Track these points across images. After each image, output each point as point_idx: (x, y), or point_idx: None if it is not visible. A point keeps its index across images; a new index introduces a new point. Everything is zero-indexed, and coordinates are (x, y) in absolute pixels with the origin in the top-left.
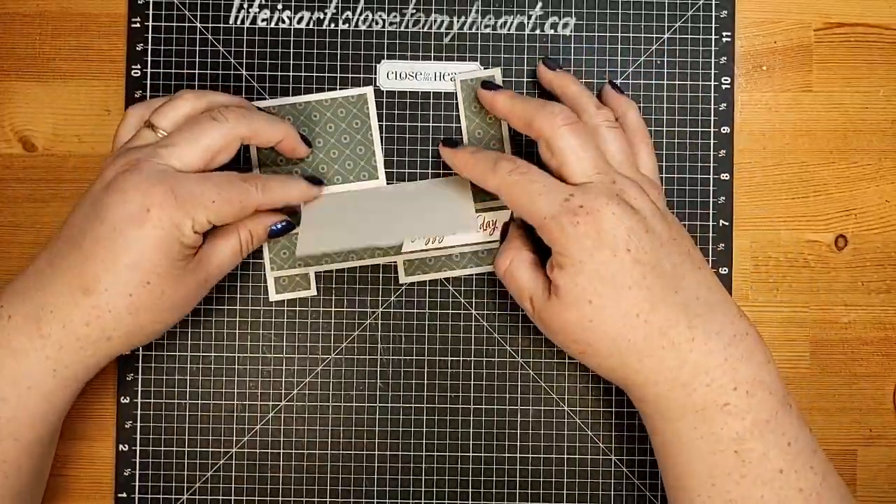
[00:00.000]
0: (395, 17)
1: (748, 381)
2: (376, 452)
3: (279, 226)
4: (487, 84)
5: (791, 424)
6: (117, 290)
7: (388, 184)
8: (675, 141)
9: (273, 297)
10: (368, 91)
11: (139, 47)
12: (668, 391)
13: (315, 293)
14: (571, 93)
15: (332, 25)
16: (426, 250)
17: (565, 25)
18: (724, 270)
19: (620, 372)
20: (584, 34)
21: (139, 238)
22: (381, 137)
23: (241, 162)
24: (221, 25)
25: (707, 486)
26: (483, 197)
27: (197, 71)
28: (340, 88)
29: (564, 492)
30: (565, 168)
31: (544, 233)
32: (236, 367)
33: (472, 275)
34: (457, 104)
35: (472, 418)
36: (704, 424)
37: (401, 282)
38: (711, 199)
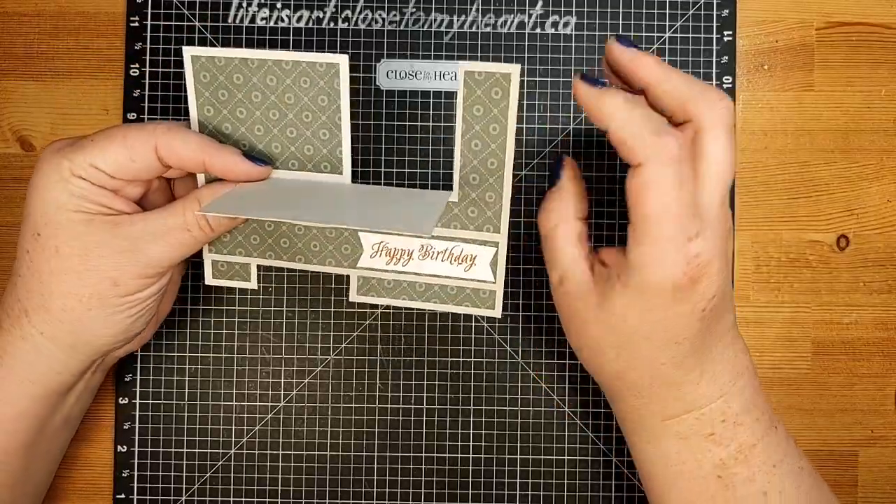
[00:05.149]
0: (395, 15)
1: (737, 413)
2: (376, 453)
3: None
4: (622, 39)
5: (777, 446)
6: (19, 250)
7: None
8: None
9: (209, 280)
10: (342, 60)
11: (137, 46)
12: (660, 422)
13: (255, 286)
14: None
15: (332, 24)
16: (385, 270)
17: (566, 24)
18: None
19: (616, 389)
20: (585, 33)
21: (28, 193)
22: (381, 137)
23: None
24: (220, 24)
25: None
26: (469, 223)
27: None
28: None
29: (565, 493)
30: (705, 175)
31: (644, 245)
32: (236, 367)
33: (434, 311)
34: (456, 103)
35: (472, 418)
36: (687, 451)
37: (350, 300)
38: None
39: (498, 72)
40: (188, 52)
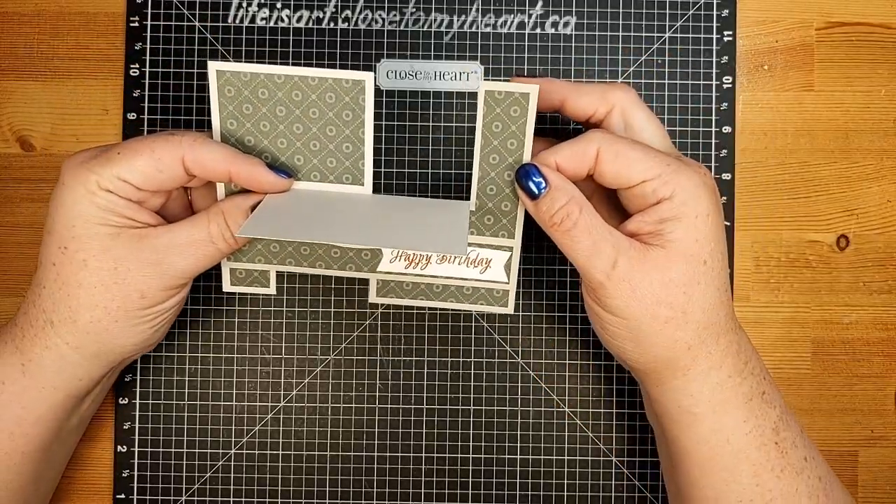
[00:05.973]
0: (395, 15)
1: (764, 367)
2: (376, 453)
3: None
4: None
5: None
6: (43, 262)
7: (374, 193)
8: (677, 141)
9: (227, 288)
10: (368, 78)
11: (137, 46)
12: (727, 378)
13: (274, 292)
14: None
15: (332, 24)
16: (405, 274)
17: (566, 24)
18: None
19: (693, 353)
20: (585, 33)
21: (53, 206)
22: (381, 137)
23: None
24: (220, 24)
25: (751, 489)
26: (485, 230)
27: (196, 70)
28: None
29: (565, 493)
30: (646, 129)
31: (660, 184)
32: (236, 367)
33: (448, 310)
34: (476, 121)
35: (472, 419)
36: (752, 416)
37: (370, 301)
38: None
39: (517, 91)
40: (213, 66)
